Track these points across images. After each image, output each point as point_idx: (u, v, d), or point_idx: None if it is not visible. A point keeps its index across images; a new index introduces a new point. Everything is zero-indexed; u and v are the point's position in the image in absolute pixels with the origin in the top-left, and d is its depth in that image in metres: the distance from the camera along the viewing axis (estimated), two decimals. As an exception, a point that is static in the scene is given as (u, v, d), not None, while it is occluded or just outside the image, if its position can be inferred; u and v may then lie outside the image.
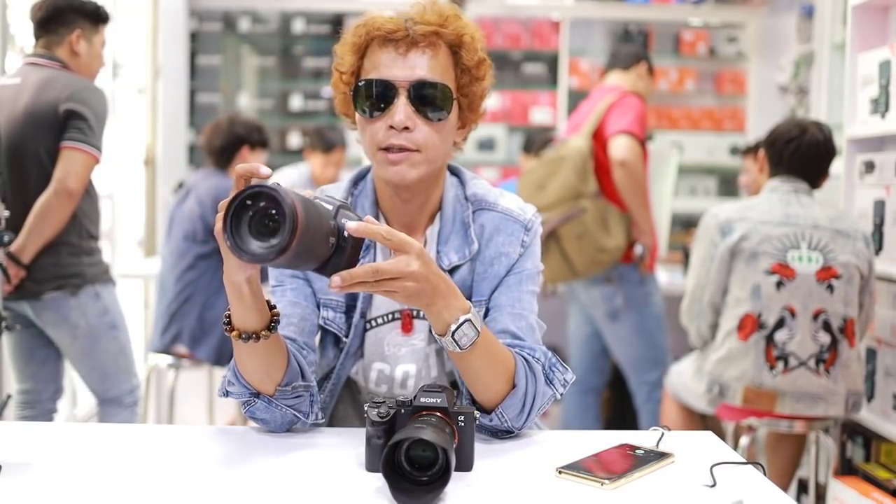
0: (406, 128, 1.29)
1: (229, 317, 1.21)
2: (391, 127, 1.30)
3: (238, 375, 1.27)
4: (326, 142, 4.18)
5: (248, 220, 1.02)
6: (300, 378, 1.30)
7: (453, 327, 1.19)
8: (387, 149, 1.31)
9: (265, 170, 1.11)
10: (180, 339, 3.19)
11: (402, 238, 1.12)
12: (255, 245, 1.02)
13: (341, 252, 1.09)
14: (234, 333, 1.20)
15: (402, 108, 1.29)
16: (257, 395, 1.27)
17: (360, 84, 1.33)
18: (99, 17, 2.68)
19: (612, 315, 3.36)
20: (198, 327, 3.18)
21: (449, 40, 1.33)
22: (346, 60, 1.36)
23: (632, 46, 3.74)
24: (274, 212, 1.01)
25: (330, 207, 1.09)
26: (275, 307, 1.23)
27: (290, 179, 4.18)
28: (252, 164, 1.11)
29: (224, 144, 3.31)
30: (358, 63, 1.35)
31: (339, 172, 4.25)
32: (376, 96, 1.31)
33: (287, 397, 1.28)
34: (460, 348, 1.20)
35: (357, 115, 1.35)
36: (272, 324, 1.21)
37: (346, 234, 1.09)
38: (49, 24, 2.62)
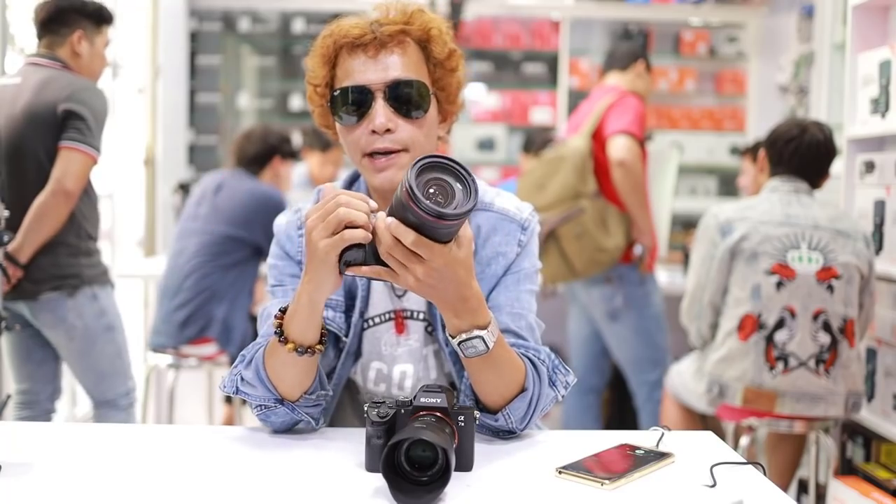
0: (388, 130, 1.29)
1: (281, 328, 1.20)
2: (373, 132, 1.29)
3: (265, 381, 1.26)
4: (324, 140, 4.20)
5: (424, 184, 1.06)
6: (321, 387, 1.31)
7: (463, 336, 1.18)
8: (371, 154, 1.31)
9: (372, 203, 1.12)
10: (208, 333, 3.20)
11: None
12: (439, 208, 1.05)
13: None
14: (290, 346, 1.19)
15: (381, 111, 1.29)
16: (281, 401, 1.27)
17: (335, 94, 1.32)
18: (101, 18, 2.68)
19: (612, 315, 3.36)
20: (227, 321, 3.21)
21: (417, 36, 1.33)
22: (317, 73, 1.35)
23: (628, 45, 3.73)
24: (446, 178, 1.07)
25: None
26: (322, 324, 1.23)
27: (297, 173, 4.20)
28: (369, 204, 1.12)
29: (257, 153, 3.41)
30: (330, 74, 1.35)
31: (338, 171, 4.25)
32: (353, 103, 1.30)
33: (309, 405, 1.28)
34: (465, 356, 1.20)
35: (337, 126, 1.35)
36: (323, 338, 1.22)
37: None
38: (51, 24, 2.61)
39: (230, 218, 3.24)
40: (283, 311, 1.22)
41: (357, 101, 1.30)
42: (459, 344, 1.19)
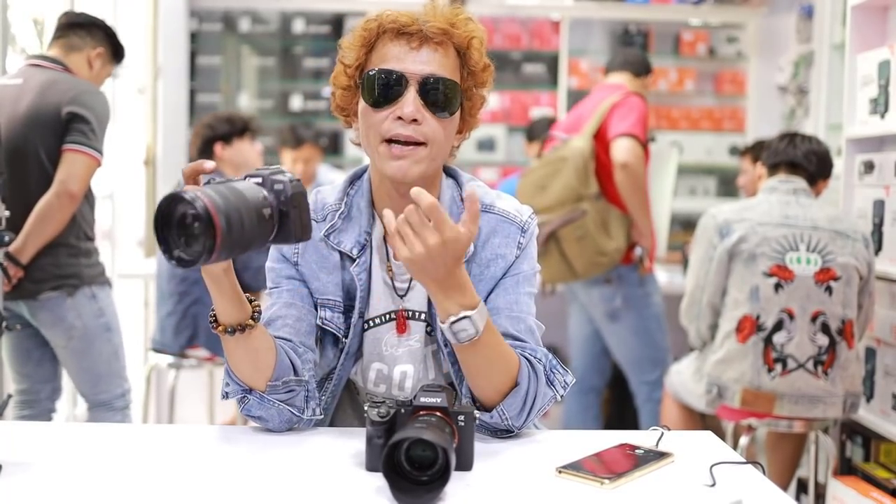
0: (414, 120, 1.30)
1: (215, 315, 1.24)
2: (399, 118, 1.30)
3: (230, 373, 1.30)
4: (296, 137, 4.16)
5: (175, 228, 1.04)
6: (291, 373, 1.31)
7: (452, 318, 1.21)
8: (390, 141, 1.31)
9: (209, 164, 1.15)
10: (197, 340, 3.19)
11: (444, 217, 1.17)
12: (184, 252, 1.04)
13: (287, 217, 1.12)
14: (221, 329, 1.23)
15: (411, 100, 1.30)
16: (249, 391, 1.29)
17: (370, 73, 1.33)
18: (118, 54, 2.78)
19: (611, 315, 3.36)
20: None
21: (458, 42, 1.34)
22: (351, 53, 1.36)
23: (642, 55, 3.67)
24: (192, 214, 1.02)
25: (259, 179, 1.11)
26: (253, 300, 1.26)
27: None
28: (196, 162, 1.15)
29: (200, 148, 3.31)
30: (365, 56, 1.36)
31: (312, 169, 4.20)
32: (386, 87, 1.31)
33: (279, 392, 1.29)
34: (458, 341, 1.23)
35: (361, 106, 1.35)
36: (255, 314, 1.24)
37: (284, 197, 1.11)
38: (78, 29, 2.67)
39: None
40: None
41: (390, 86, 1.31)
42: (451, 326, 1.21)
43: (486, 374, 1.27)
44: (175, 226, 1.03)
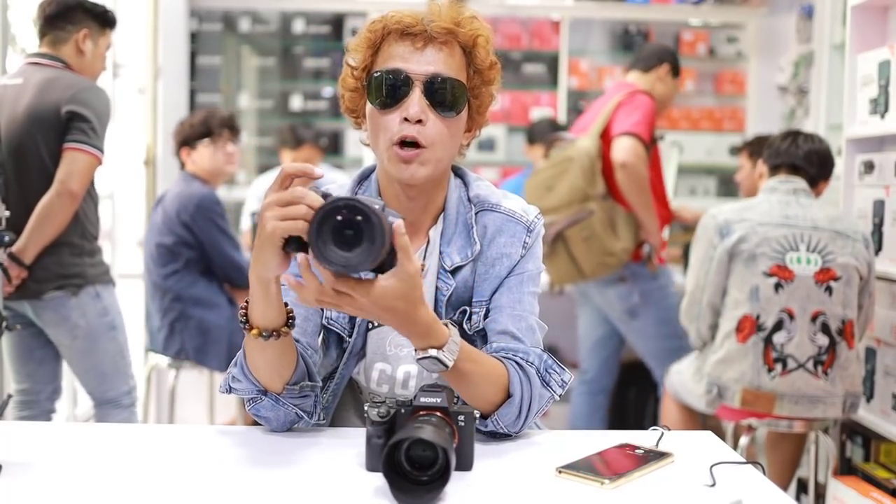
0: (419, 121, 1.30)
1: (246, 315, 1.22)
2: (405, 119, 1.30)
3: (246, 372, 1.28)
4: (296, 137, 4.15)
5: (331, 230, 1.03)
6: (307, 378, 1.31)
7: (420, 354, 1.19)
8: (399, 143, 1.31)
9: (318, 171, 1.12)
10: (184, 355, 3.17)
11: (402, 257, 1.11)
12: (342, 255, 1.03)
13: (392, 252, 1.10)
14: (255, 332, 1.21)
15: (416, 101, 1.30)
16: (265, 392, 1.28)
17: (375, 74, 1.33)
18: (106, 21, 2.71)
19: (631, 313, 3.34)
20: (201, 340, 3.15)
21: (463, 41, 1.34)
22: (357, 55, 1.36)
23: (655, 47, 3.60)
24: (357, 220, 1.01)
25: (377, 207, 1.08)
26: (288, 304, 1.24)
27: (264, 187, 4.14)
28: (303, 165, 1.12)
29: (176, 152, 3.31)
30: (371, 58, 1.36)
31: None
32: (391, 88, 1.31)
33: (294, 396, 1.29)
34: (429, 372, 1.22)
35: (368, 108, 1.35)
36: (290, 321, 1.23)
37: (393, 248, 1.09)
38: (57, 20, 2.63)
39: (160, 230, 3.18)
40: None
41: (395, 87, 1.31)
42: (418, 360, 1.20)
43: (473, 393, 1.27)
44: (332, 230, 1.03)
